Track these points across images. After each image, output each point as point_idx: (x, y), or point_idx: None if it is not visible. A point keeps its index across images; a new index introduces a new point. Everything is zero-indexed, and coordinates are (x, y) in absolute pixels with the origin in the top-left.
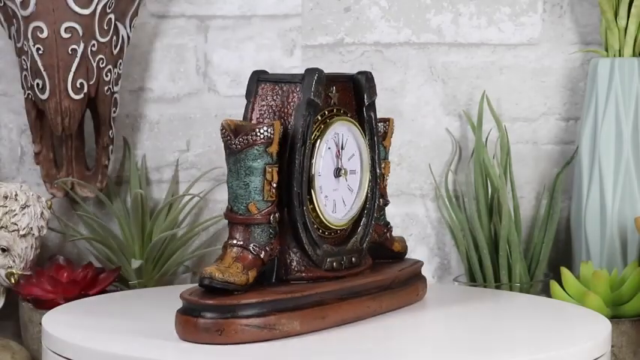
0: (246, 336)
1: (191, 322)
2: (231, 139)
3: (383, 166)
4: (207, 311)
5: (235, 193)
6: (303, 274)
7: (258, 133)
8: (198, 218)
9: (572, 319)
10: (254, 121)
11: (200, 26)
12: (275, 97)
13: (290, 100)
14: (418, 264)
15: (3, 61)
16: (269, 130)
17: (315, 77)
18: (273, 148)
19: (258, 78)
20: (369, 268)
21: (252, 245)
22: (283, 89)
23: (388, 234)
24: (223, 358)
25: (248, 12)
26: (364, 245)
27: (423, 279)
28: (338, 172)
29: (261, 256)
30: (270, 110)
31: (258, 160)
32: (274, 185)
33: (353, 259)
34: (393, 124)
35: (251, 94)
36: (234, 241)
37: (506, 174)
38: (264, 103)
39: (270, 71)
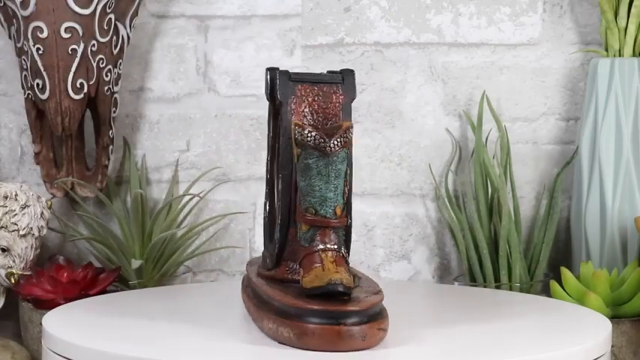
0: (378, 339)
1: (335, 331)
2: (326, 142)
3: None
4: (347, 318)
5: (324, 196)
6: None
7: (349, 135)
8: (198, 218)
9: (572, 319)
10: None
11: (200, 26)
12: (317, 98)
13: (333, 100)
14: None
15: (3, 61)
16: (352, 132)
17: (355, 78)
18: (350, 150)
19: (291, 78)
20: None
21: (343, 248)
22: (324, 90)
23: None
24: None
25: (248, 12)
26: None
27: None
28: None
29: (347, 259)
30: (314, 111)
31: (344, 163)
32: (347, 187)
33: None
34: None
35: (287, 95)
36: (328, 245)
37: (506, 174)
38: (305, 104)
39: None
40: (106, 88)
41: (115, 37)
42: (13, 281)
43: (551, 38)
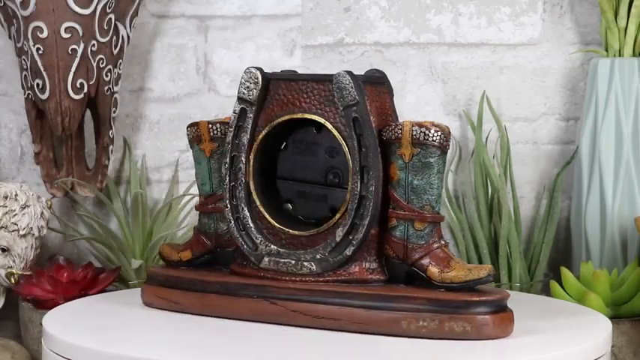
0: None
1: (507, 317)
2: (447, 141)
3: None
4: (505, 305)
5: (440, 193)
6: None
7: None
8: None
9: (572, 319)
10: (377, 123)
11: (200, 26)
12: (377, 99)
13: (386, 100)
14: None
15: (3, 61)
16: None
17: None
18: None
19: (363, 79)
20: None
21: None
22: (378, 90)
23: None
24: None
25: (248, 12)
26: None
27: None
28: None
29: None
30: (379, 111)
31: None
32: None
33: None
34: None
35: (362, 95)
36: (444, 240)
37: (506, 174)
38: (374, 104)
39: (270, 71)
40: (106, 88)
41: (115, 37)
42: (13, 281)
43: (551, 38)
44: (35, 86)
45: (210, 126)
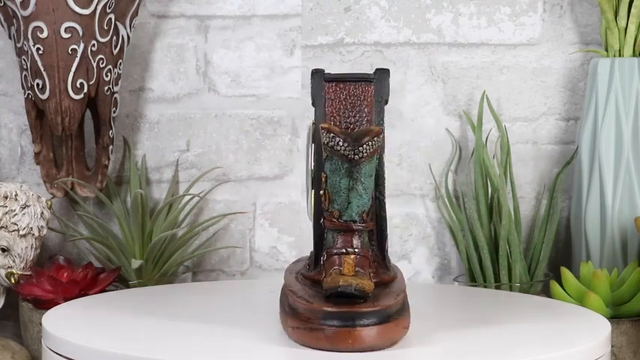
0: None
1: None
2: None
3: None
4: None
5: None
6: None
7: None
8: (198, 218)
9: (572, 319)
10: None
11: (200, 26)
12: None
13: None
14: None
15: (3, 61)
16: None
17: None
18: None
19: None
20: None
21: None
22: None
23: None
24: None
25: (248, 12)
26: None
27: None
28: None
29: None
30: None
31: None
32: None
33: None
34: None
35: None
36: None
37: (506, 174)
38: None
39: (270, 72)
40: (106, 88)
41: (115, 37)
42: (13, 281)
43: (551, 38)
44: (35, 86)
45: None
